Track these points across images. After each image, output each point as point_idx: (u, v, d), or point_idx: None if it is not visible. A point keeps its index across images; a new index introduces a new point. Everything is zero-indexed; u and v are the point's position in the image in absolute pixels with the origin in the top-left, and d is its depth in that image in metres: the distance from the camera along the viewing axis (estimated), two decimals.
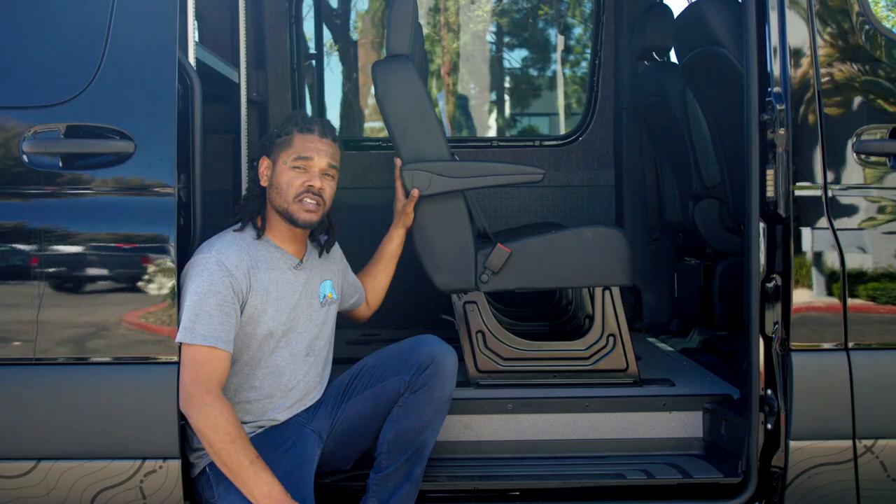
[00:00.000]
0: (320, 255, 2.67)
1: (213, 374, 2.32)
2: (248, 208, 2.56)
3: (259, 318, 2.45)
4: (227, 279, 2.37)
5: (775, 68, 2.49)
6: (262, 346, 2.47)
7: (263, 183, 2.55)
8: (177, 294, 2.37)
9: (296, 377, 2.54)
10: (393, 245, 2.89)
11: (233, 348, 2.38)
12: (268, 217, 2.55)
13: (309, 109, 4.70)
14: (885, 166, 2.51)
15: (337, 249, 2.80)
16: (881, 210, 2.51)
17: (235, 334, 2.40)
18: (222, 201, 3.23)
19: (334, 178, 2.56)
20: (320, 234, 2.67)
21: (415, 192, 2.80)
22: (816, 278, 2.48)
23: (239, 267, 2.40)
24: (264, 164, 2.55)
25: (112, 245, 2.40)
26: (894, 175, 2.51)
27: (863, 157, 2.50)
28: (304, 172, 2.49)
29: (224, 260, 2.38)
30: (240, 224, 2.54)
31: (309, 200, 2.48)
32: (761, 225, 2.51)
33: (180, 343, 2.34)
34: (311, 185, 2.48)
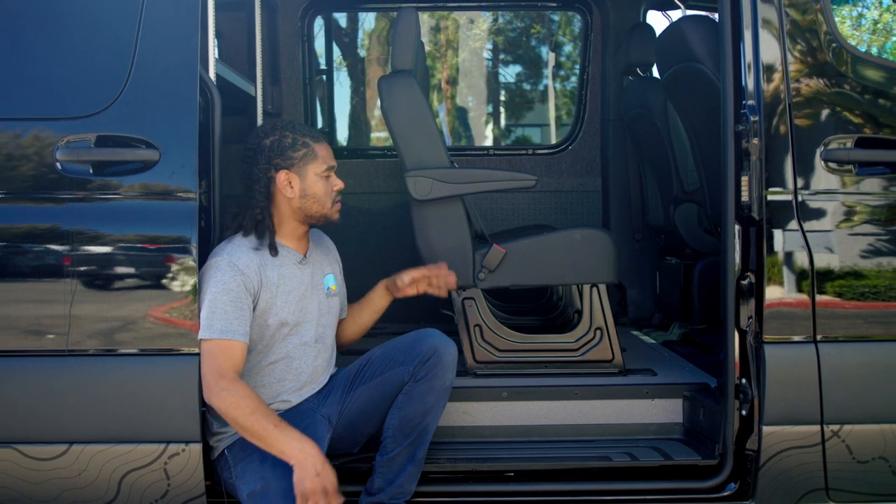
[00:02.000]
0: (317, 240, 2.68)
1: (226, 362, 2.32)
2: (262, 224, 2.48)
3: (270, 310, 2.45)
4: (239, 278, 2.37)
5: (749, 83, 2.49)
6: (276, 335, 2.47)
7: (289, 195, 2.47)
8: (198, 292, 2.37)
9: (305, 362, 2.54)
10: (377, 300, 2.76)
11: (249, 339, 2.38)
12: (280, 221, 2.54)
13: (320, 121, 4.70)
14: (850, 173, 2.51)
15: (336, 256, 2.79)
16: (847, 213, 2.51)
17: (251, 326, 2.41)
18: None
19: None
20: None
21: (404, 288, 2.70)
22: (787, 276, 2.48)
23: (249, 266, 2.40)
24: (284, 177, 2.46)
25: (138, 246, 2.40)
26: (859, 181, 2.51)
27: (830, 164, 2.50)
28: (329, 179, 2.52)
29: (235, 261, 2.39)
30: (255, 237, 2.48)
31: (339, 201, 2.55)
32: (736, 227, 2.51)
33: (201, 340, 2.35)
34: (340, 187, 2.55)
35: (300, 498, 2.21)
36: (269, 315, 2.45)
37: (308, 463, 2.22)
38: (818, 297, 2.47)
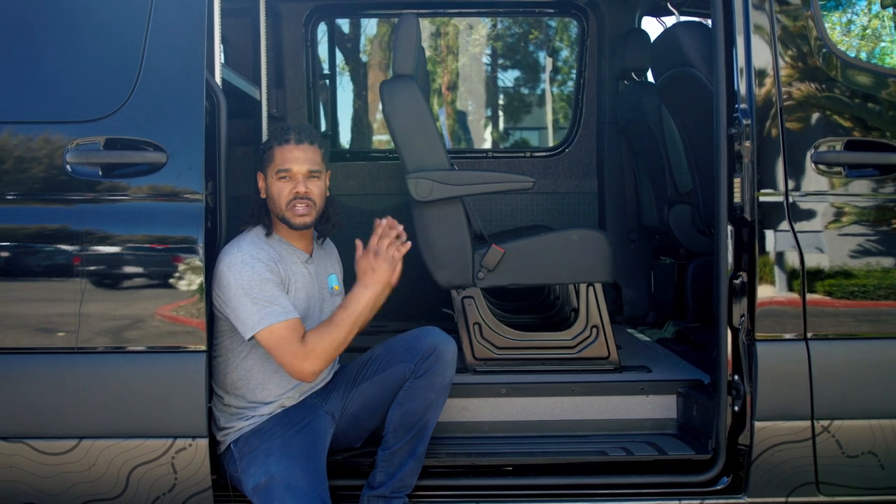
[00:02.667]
0: (322, 244, 2.67)
1: (298, 336, 2.33)
2: (256, 215, 2.56)
3: None
4: (266, 267, 2.37)
5: (741, 87, 2.49)
6: None
7: (263, 196, 2.54)
8: (205, 290, 2.37)
9: None
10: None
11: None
12: (273, 221, 2.54)
13: (323, 124, 4.70)
14: (840, 175, 2.51)
15: (337, 258, 2.78)
16: (837, 214, 2.51)
17: None
18: (245, 206, 3.23)
19: (320, 177, 2.52)
20: (321, 227, 2.65)
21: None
22: (778, 275, 2.48)
23: (269, 259, 2.41)
24: (260, 178, 2.54)
25: (146, 246, 2.40)
26: (849, 183, 2.51)
27: (820, 166, 2.50)
28: (289, 181, 2.48)
29: (256, 254, 2.39)
30: (252, 226, 2.54)
31: (299, 205, 2.47)
32: (729, 228, 2.51)
33: (258, 334, 2.32)
34: (297, 192, 2.47)
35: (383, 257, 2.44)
36: None
37: (368, 290, 2.42)
38: (809, 296, 2.47)
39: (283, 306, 2.34)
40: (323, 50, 4.76)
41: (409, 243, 2.52)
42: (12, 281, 2.40)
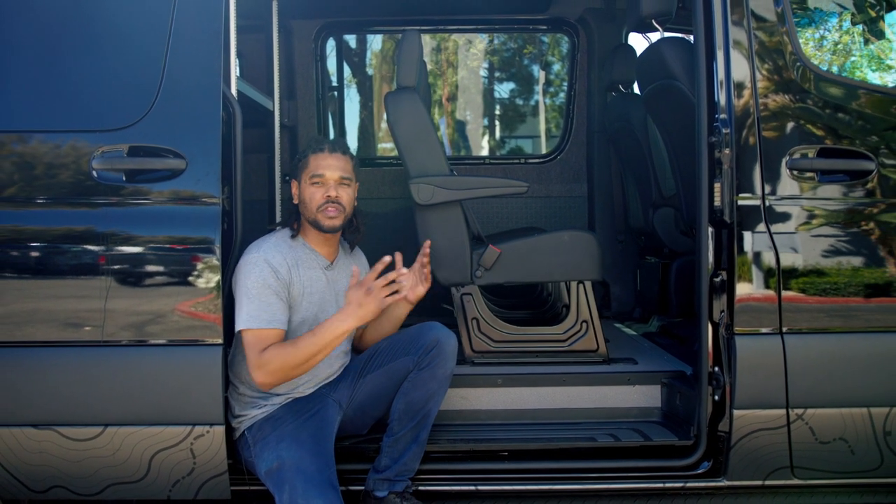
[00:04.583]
0: (352, 250, 2.67)
1: (263, 346, 2.33)
2: (286, 219, 2.59)
3: (296, 308, 2.45)
4: (275, 274, 2.38)
5: (721, 98, 2.49)
6: (296, 332, 2.46)
7: (295, 201, 2.57)
8: (222, 288, 2.37)
9: (322, 361, 2.53)
10: (395, 310, 2.66)
11: (286, 325, 2.40)
12: (302, 225, 2.56)
13: (331, 132, 4.70)
14: (813, 180, 2.51)
15: (364, 264, 2.77)
16: (810, 217, 2.51)
17: None
18: (259, 209, 3.23)
19: (350, 185, 2.55)
20: (350, 235, 2.67)
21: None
22: (756, 274, 2.48)
23: (283, 265, 2.41)
24: (294, 185, 2.58)
25: (167, 246, 2.40)
26: (821, 187, 2.51)
27: (795, 172, 2.50)
28: (321, 186, 2.50)
29: (270, 259, 2.39)
30: (280, 228, 2.57)
31: (330, 209, 2.49)
32: (710, 229, 2.51)
33: (241, 331, 2.34)
34: (328, 196, 2.49)
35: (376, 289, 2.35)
36: (293, 312, 2.45)
37: (346, 322, 2.33)
38: (784, 293, 2.48)
39: (269, 314, 2.34)
40: (331, 64, 4.76)
41: (404, 293, 2.52)
42: (43, 279, 2.40)
